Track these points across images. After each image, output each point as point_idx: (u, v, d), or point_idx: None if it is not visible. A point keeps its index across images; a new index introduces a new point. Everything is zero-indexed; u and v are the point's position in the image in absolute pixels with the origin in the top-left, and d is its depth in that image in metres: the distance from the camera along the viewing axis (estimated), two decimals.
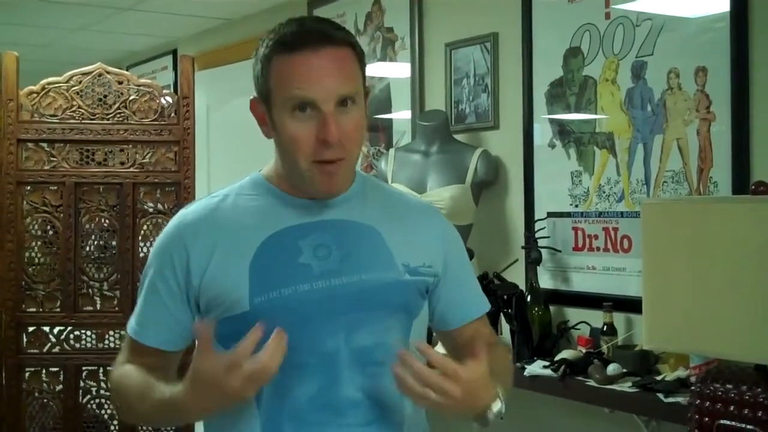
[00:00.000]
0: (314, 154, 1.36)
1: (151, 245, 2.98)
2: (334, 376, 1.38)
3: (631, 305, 2.58)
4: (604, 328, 2.63)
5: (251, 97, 1.46)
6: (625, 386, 2.39)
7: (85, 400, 2.99)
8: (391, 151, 3.35)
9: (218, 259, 1.40)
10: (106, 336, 3.00)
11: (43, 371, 2.99)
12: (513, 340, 2.78)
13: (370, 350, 1.37)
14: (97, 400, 3.00)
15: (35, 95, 3.01)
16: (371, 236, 1.44)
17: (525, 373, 2.62)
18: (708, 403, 1.94)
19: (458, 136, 3.24)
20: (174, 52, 5.08)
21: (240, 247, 1.40)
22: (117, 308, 2.99)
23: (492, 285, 2.87)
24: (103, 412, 2.99)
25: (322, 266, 1.40)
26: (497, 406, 1.36)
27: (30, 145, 3.00)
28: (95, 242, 3.02)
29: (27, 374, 2.97)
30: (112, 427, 3.01)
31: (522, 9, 3.06)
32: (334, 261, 1.40)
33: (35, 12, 4.29)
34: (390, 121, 3.69)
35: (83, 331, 3.00)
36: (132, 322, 1.47)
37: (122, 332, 2.98)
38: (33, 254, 2.99)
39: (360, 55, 1.43)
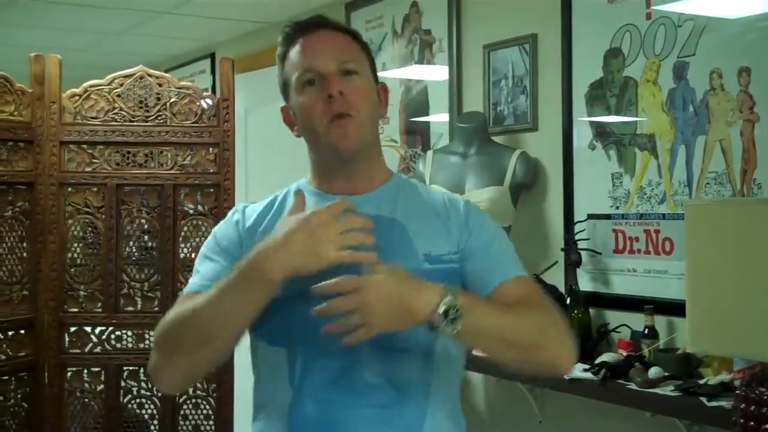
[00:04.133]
0: (324, 113, 1.47)
1: (191, 246, 3.02)
2: (355, 359, 1.42)
3: (672, 308, 2.55)
4: (646, 331, 2.61)
5: (282, 105, 1.60)
6: (667, 390, 2.36)
7: (125, 399, 3.02)
8: (429, 153, 3.34)
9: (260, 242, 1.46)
10: (147, 336, 3.02)
11: (85, 371, 3.02)
12: None
13: (390, 336, 1.37)
14: (138, 400, 3.02)
15: (77, 98, 3.04)
16: (395, 229, 1.50)
17: (565, 376, 2.60)
18: (753, 407, 1.91)
19: (496, 138, 3.23)
20: (212, 56, 5.12)
21: None
22: (158, 309, 3.01)
23: None
24: (143, 411, 3.02)
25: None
26: (444, 306, 1.31)
27: (72, 147, 3.04)
28: (136, 243, 3.05)
29: (69, 374, 3.01)
30: (153, 427, 3.03)
31: (561, 10, 3.04)
32: (360, 251, 1.43)
33: (77, 16, 4.35)
34: (427, 123, 3.69)
35: (124, 332, 3.03)
36: (193, 279, 1.54)
37: None
38: (75, 255, 3.03)
39: (364, 45, 1.57)
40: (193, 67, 5.28)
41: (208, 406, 3.04)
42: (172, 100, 3.08)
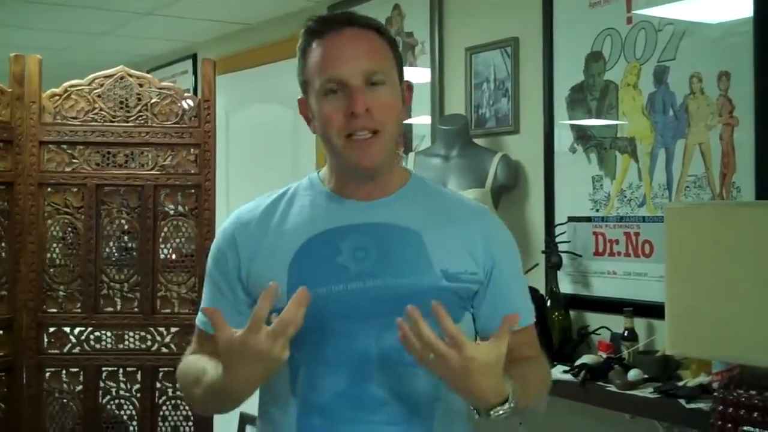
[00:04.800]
0: (345, 128, 1.40)
1: (171, 247, 3.00)
2: (363, 374, 1.41)
3: (652, 310, 2.57)
4: (625, 334, 2.62)
5: (299, 97, 1.53)
6: (647, 392, 2.37)
7: (104, 400, 3.00)
8: (411, 155, 3.35)
9: (263, 256, 1.47)
10: (126, 337, 3.01)
11: (64, 372, 3.00)
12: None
13: (399, 351, 1.33)
14: (117, 401, 3.00)
15: (57, 98, 3.02)
16: (412, 240, 1.45)
17: None
18: (731, 409, 1.93)
19: (478, 141, 3.24)
20: (194, 57, 5.10)
21: (284, 246, 1.46)
22: (137, 309, 3.00)
23: None
24: (122, 412, 3.00)
25: (359, 268, 1.43)
26: (504, 408, 1.29)
27: (52, 147, 3.01)
28: (116, 244, 3.04)
29: (47, 374, 2.99)
30: (131, 428, 3.01)
31: (543, 14, 3.06)
32: (370, 263, 1.43)
33: (58, 16, 4.32)
34: (409, 125, 3.69)
35: (103, 332, 3.01)
36: (198, 314, 1.56)
37: (142, 333, 3.00)
38: (54, 255, 3.01)
39: (391, 41, 1.48)
40: (175, 68, 5.27)
41: (187, 407, 3.02)
42: (153, 100, 3.06)
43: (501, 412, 1.29)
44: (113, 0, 4.03)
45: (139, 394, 2.99)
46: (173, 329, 3.02)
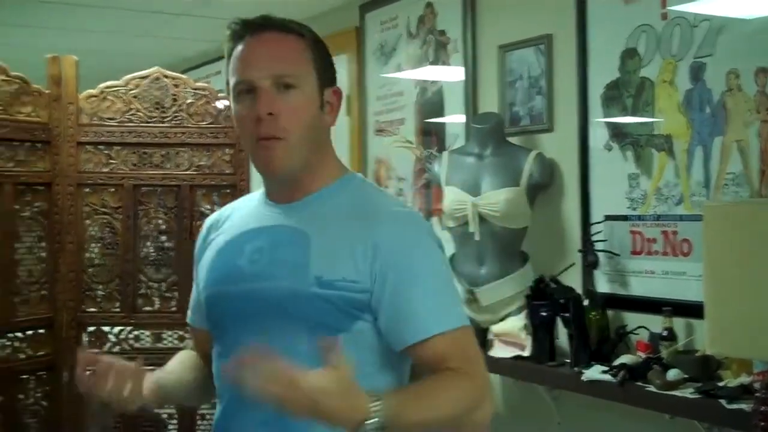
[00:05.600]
0: (253, 132, 1.40)
1: None
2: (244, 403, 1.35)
3: (691, 310, 2.54)
4: (664, 333, 2.60)
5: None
6: (686, 392, 2.36)
7: None
8: (445, 154, 3.34)
9: (206, 255, 1.55)
10: (165, 336, 3.04)
11: None
12: (570, 344, 2.76)
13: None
14: None
15: (94, 99, 3.06)
16: (300, 244, 1.41)
17: (583, 378, 2.60)
18: None
19: (512, 139, 3.23)
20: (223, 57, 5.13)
21: (215, 246, 1.53)
22: (175, 309, 3.02)
23: (548, 289, 2.86)
24: (161, 411, 3.02)
25: (252, 269, 1.44)
26: (372, 422, 1.21)
27: (89, 147, 3.05)
28: (153, 243, 3.06)
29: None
30: (171, 427, 3.04)
31: (576, 10, 3.04)
32: (261, 265, 1.43)
33: (94, 18, 4.36)
34: (443, 124, 3.69)
35: (142, 331, 3.04)
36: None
37: (179, 332, 3.03)
38: (93, 255, 3.04)
39: (315, 46, 1.44)
40: (209, 69, 5.29)
41: None
42: (188, 101, 3.08)
43: (369, 428, 1.21)
44: (148, 2, 4.06)
45: None
46: None
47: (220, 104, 3.10)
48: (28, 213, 2.93)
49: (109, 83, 3.09)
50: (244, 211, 1.54)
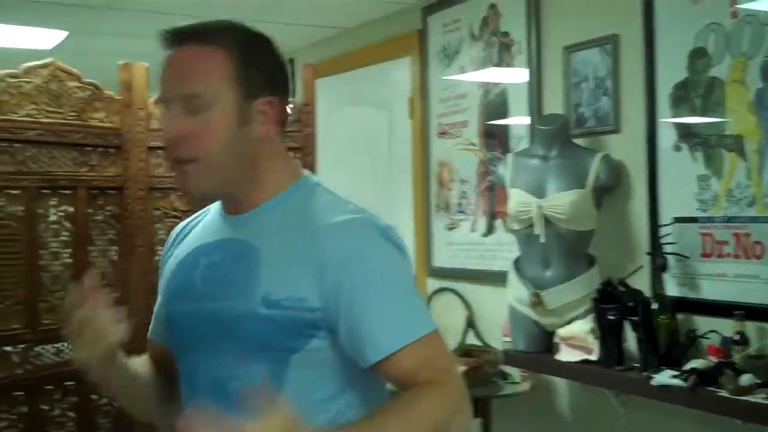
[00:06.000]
0: (168, 153, 1.38)
1: None
2: (197, 395, 1.35)
3: (764, 314, 2.49)
4: (736, 337, 2.55)
5: None
6: (759, 397, 2.31)
7: None
8: (509, 156, 3.33)
9: (168, 265, 1.50)
10: None
11: None
12: (639, 348, 2.72)
13: (224, 381, 1.28)
14: None
15: None
16: (248, 259, 1.33)
17: (653, 383, 2.56)
18: None
19: (578, 140, 3.20)
20: (289, 63, 5.19)
21: (176, 257, 1.48)
22: None
23: (615, 292, 2.82)
24: None
25: (204, 287, 1.37)
26: None
27: (159, 152, 3.10)
28: None
29: None
30: None
31: (643, 10, 3.00)
32: (213, 283, 1.36)
33: (161, 24, 4.44)
34: (506, 126, 3.67)
35: None
36: None
37: None
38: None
39: (238, 55, 1.33)
40: None
41: None
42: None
43: None
44: (213, 8, 4.12)
45: None
46: None
47: (287, 108, 3.13)
48: (100, 217, 3.00)
49: None
50: (203, 223, 1.48)
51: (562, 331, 2.98)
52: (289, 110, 1.41)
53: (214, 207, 1.48)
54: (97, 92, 3.00)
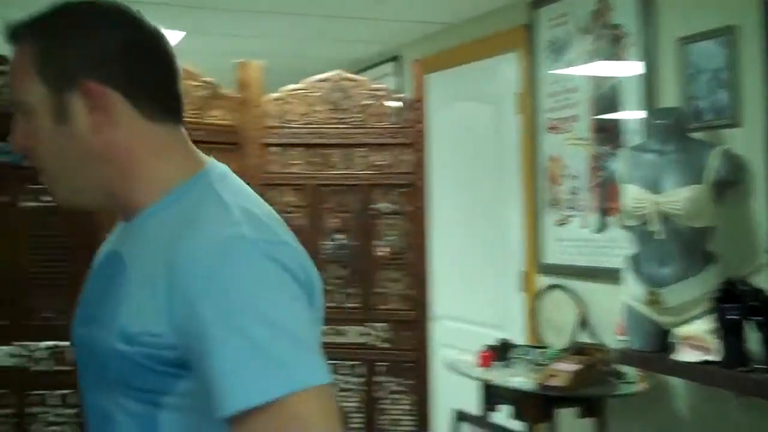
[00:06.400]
0: None
1: (386, 245, 3.09)
2: (85, 427, 1.21)
3: None
4: None
5: None
6: None
7: None
8: (623, 150, 3.27)
9: None
10: (345, 332, 3.12)
11: None
12: (763, 349, 2.64)
13: (108, 417, 1.11)
14: (340, 394, 3.12)
15: (278, 102, 3.18)
16: (119, 280, 1.12)
17: None
18: None
19: (695, 135, 3.13)
20: (394, 59, 5.21)
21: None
22: (355, 305, 3.11)
23: (736, 290, 2.74)
24: (343, 405, 3.11)
25: (85, 309, 1.21)
26: None
27: (274, 149, 3.17)
28: (334, 242, 3.16)
29: None
30: (352, 422, 3.12)
31: (763, 1, 2.91)
32: (90, 306, 1.19)
33: (272, 23, 4.54)
34: (617, 120, 3.61)
35: (326, 327, 3.13)
36: None
37: (360, 328, 3.10)
38: None
39: (40, 47, 1.12)
40: (377, 71, 5.39)
41: (407, 402, 3.10)
42: (367, 102, 3.16)
43: None
44: (323, 6, 4.18)
45: (359, 388, 3.10)
46: (387, 324, 3.11)
47: (398, 104, 3.16)
48: None
49: (292, 86, 3.21)
50: (117, 227, 1.27)
51: (681, 331, 2.92)
52: (162, 93, 1.17)
53: None
54: (214, 91, 3.09)
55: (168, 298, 1.03)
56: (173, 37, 4.70)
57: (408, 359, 3.12)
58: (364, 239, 3.13)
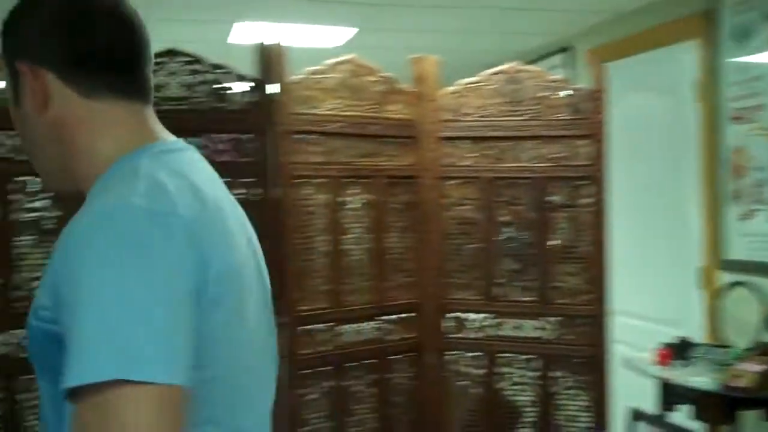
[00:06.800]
0: None
1: (562, 239, 3.05)
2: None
3: None
4: None
5: None
6: None
7: (502, 386, 3.11)
8: None
9: None
10: (523, 325, 3.10)
11: (464, 356, 3.15)
12: None
13: (41, 404, 1.10)
14: (513, 388, 3.11)
15: (454, 95, 3.19)
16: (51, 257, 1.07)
17: None
18: None
19: None
20: (564, 50, 5.12)
21: None
22: (532, 299, 3.08)
23: None
24: (518, 399, 3.10)
25: None
26: None
27: (449, 142, 3.18)
28: (510, 235, 3.14)
29: (449, 358, 3.16)
30: (526, 417, 3.10)
31: None
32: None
33: (442, 18, 4.56)
34: None
35: (501, 320, 3.13)
36: None
37: (536, 322, 3.07)
38: (454, 245, 3.17)
39: (2, 42, 1.14)
40: (545, 63, 5.31)
41: (585, 398, 3.05)
42: (543, 93, 3.12)
43: None
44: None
45: (534, 382, 3.08)
46: (563, 319, 3.06)
47: (574, 96, 3.11)
48: (397, 205, 3.13)
49: (467, 79, 3.21)
50: None
51: None
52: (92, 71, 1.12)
53: None
54: (392, 85, 3.13)
55: (50, 270, 1.01)
56: (345, 34, 4.80)
57: (584, 355, 3.06)
58: (539, 232, 3.09)
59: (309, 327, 2.91)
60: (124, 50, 1.12)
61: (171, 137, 1.16)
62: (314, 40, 4.84)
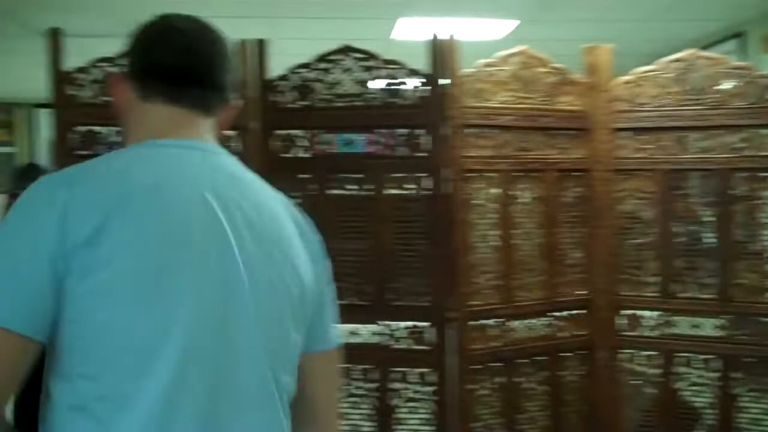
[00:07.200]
0: None
1: (748, 234, 2.90)
2: None
3: None
4: None
5: None
6: None
7: (679, 386, 2.99)
8: None
9: None
10: (702, 324, 2.97)
11: (638, 355, 3.05)
12: None
13: None
14: (692, 388, 2.98)
15: (629, 85, 3.08)
16: None
17: None
18: None
19: None
20: (737, 36, 4.89)
21: None
22: (712, 296, 2.95)
23: None
24: (696, 400, 2.97)
25: None
26: None
27: (624, 133, 3.08)
28: (689, 229, 3.01)
29: (622, 356, 3.07)
30: (707, 418, 2.97)
31: None
32: None
33: (613, 6, 4.44)
34: None
35: (678, 318, 3.00)
36: None
37: (717, 321, 2.93)
38: (628, 239, 3.07)
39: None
40: (717, 50, 5.07)
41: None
42: (725, 81, 2.97)
43: None
44: None
45: (713, 383, 2.94)
46: (742, 318, 2.91)
47: (762, 82, 2.94)
48: (568, 198, 3.06)
49: (642, 68, 3.09)
50: None
51: None
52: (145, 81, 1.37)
53: None
54: (563, 76, 3.06)
55: None
56: (507, 26, 4.75)
57: (765, 355, 2.90)
58: (719, 227, 2.95)
59: (480, 322, 2.89)
60: (174, 69, 1.34)
61: (185, 136, 1.33)
62: (475, 34, 4.81)
